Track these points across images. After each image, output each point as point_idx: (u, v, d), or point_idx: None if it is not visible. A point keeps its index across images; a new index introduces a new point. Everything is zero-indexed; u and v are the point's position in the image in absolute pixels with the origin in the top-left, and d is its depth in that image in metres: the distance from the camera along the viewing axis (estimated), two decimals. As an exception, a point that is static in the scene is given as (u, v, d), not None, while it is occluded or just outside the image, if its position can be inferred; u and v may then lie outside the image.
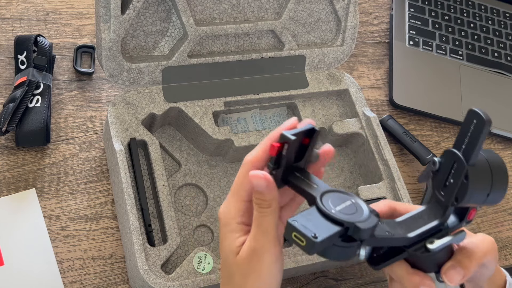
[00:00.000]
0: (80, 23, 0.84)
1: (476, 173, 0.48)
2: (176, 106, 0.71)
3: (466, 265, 0.52)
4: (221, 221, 0.53)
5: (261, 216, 0.50)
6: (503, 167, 0.50)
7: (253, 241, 0.50)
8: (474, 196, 0.49)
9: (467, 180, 0.48)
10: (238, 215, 0.52)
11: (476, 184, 0.48)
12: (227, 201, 0.53)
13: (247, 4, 0.72)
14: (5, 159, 0.72)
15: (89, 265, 0.68)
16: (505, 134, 0.93)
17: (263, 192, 0.50)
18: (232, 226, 0.52)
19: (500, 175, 0.50)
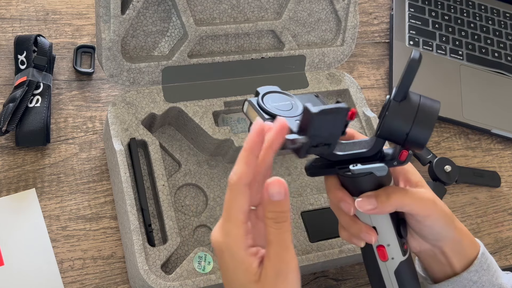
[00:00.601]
0: (80, 23, 0.84)
1: (398, 108, 0.51)
2: (176, 106, 0.71)
3: (381, 200, 0.53)
4: (223, 253, 0.48)
5: (281, 233, 0.47)
6: (432, 112, 0.51)
7: (276, 261, 0.47)
8: (392, 129, 0.51)
9: (387, 112, 0.51)
10: (243, 241, 0.48)
11: (394, 118, 0.51)
12: (222, 229, 0.48)
13: (247, 4, 0.72)
14: (5, 159, 0.72)
15: (89, 265, 0.68)
16: (505, 134, 0.93)
17: (282, 203, 0.47)
18: (240, 255, 0.47)
19: (425, 117, 0.51)
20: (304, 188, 0.76)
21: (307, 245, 0.69)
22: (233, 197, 0.48)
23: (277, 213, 0.47)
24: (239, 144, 0.70)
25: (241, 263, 0.47)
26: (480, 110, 0.94)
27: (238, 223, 0.47)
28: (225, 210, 0.48)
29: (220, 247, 0.48)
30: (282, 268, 0.47)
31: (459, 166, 0.86)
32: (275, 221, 0.47)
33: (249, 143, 0.47)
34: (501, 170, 0.91)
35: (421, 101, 0.52)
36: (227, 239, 0.48)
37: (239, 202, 0.47)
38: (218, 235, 0.48)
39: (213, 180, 0.74)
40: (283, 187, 0.47)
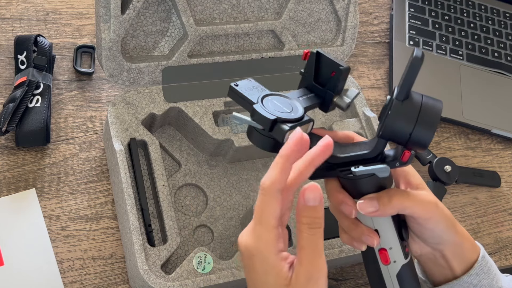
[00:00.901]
0: (80, 23, 0.84)
1: (401, 108, 0.50)
2: (176, 106, 0.71)
3: (383, 202, 0.53)
4: (253, 256, 0.48)
5: (315, 238, 0.48)
6: (436, 112, 0.51)
7: (309, 266, 0.47)
8: (394, 129, 0.50)
9: (390, 112, 0.50)
10: (274, 246, 0.48)
11: (397, 118, 0.50)
12: (253, 232, 0.48)
13: (247, 4, 0.72)
14: (5, 159, 0.72)
15: (89, 265, 0.68)
16: (505, 134, 0.93)
17: (317, 208, 0.47)
18: (271, 259, 0.48)
19: (429, 117, 0.50)
20: (304, 188, 0.76)
21: (307, 245, 0.68)
22: (266, 202, 0.48)
23: (312, 219, 0.47)
24: (239, 144, 0.70)
25: (273, 267, 0.47)
26: (480, 110, 0.94)
27: (270, 227, 0.48)
28: (257, 214, 0.48)
29: (250, 251, 0.48)
30: (313, 273, 0.47)
31: (459, 166, 0.86)
32: (309, 226, 0.47)
33: (287, 150, 0.48)
34: (501, 170, 0.91)
35: (424, 101, 0.51)
36: (258, 243, 0.48)
37: (272, 206, 0.47)
38: (249, 239, 0.48)
39: (213, 180, 0.74)
40: (318, 193, 0.47)
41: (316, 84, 0.57)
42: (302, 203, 0.48)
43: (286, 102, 0.54)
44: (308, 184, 0.48)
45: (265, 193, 0.48)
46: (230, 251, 0.71)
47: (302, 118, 0.53)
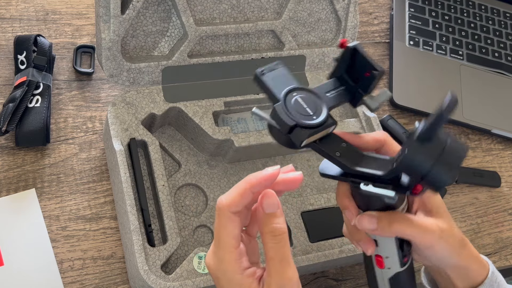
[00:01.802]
0: (80, 23, 0.84)
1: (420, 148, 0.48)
2: (176, 106, 0.71)
3: (382, 225, 0.52)
4: (219, 279, 0.48)
5: (280, 247, 0.47)
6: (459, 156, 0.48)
7: (278, 278, 0.47)
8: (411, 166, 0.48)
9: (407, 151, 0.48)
10: (238, 266, 0.48)
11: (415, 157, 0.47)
12: (215, 255, 0.48)
13: (247, 4, 0.72)
14: (5, 159, 0.72)
15: (89, 265, 0.68)
16: (505, 134, 0.93)
17: (276, 214, 0.47)
18: (237, 279, 0.47)
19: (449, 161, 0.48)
20: (304, 188, 0.76)
21: (307, 245, 0.68)
22: (222, 224, 0.47)
23: (273, 226, 0.47)
24: (239, 144, 0.70)
25: (240, 286, 0.47)
26: (480, 110, 0.94)
27: (230, 248, 0.47)
28: (216, 236, 0.48)
29: (215, 274, 0.48)
30: (285, 284, 0.46)
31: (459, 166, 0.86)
32: (272, 234, 0.47)
33: (255, 180, 0.47)
34: (501, 170, 0.91)
35: (449, 143, 0.48)
36: (221, 265, 0.48)
37: (228, 228, 0.47)
38: (212, 262, 0.48)
39: (213, 180, 0.74)
40: (274, 199, 0.47)
41: (348, 77, 0.56)
42: (261, 213, 0.47)
43: (311, 101, 0.52)
44: (264, 192, 0.47)
45: (220, 214, 0.47)
46: (230, 251, 0.70)
47: (323, 123, 0.51)
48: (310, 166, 0.78)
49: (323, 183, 0.77)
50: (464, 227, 0.85)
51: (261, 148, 0.73)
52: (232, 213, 0.47)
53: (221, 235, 0.48)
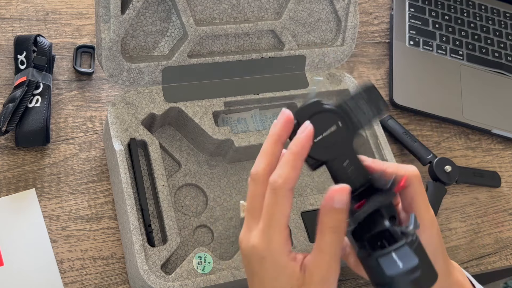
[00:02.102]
0: (80, 23, 0.84)
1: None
2: (176, 106, 0.71)
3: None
4: (263, 259, 0.46)
5: (337, 244, 0.46)
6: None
7: (326, 270, 0.46)
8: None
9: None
10: (286, 247, 0.46)
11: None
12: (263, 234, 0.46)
13: (247, 4, 0.72)
14: (5, 159, 0.72)
15: (89, 265, 0.68)
16: (505, 134, 0.93)
17: (343, 211, 0.45)
18: (283, 261, 0.46)
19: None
20: (304, 188, 0.76)
21: (307, 245, 0.68)
22: (277, 201, 0.46)
23: (338, 222, 0.45)
24: (239, 144, 0.70)
25: (285, 268, 0.46)
26: (480, 110, 0.94)
27: (282, 228, 0.46)
28: (267, 214, 0.46)
29: (260, 254, 0.46)
30: (329, 277, 0.46)
31: (459, 166, 0.86)
32: (333, 230, 0.45)
33: (298, 146, 0.46)
34: (501, 170, 0.91)
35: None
36: (270, 245, 0.46)
37: (284, 206, 0.46)
38: (260, 241, 0.46)
39: (213, 180, 0.74)
40: (346, 196, 0.45)
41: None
42: (329, 205, 0.45)
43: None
44: (339, 186, 0.45)
45: (276, 192, 0.46)
46: (230, 251, 0.70)
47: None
48: (310, 166, 0.78)
49: (323, 183, 0.77)
50: (464, 227, 0.85)
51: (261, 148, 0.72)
52: (289, 190, 0.46)
53: (274, 214, 0.46)
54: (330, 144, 0.48)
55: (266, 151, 0.48)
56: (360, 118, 0.49)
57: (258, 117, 0.77)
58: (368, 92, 0.49)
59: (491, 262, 0.83)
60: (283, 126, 0.48)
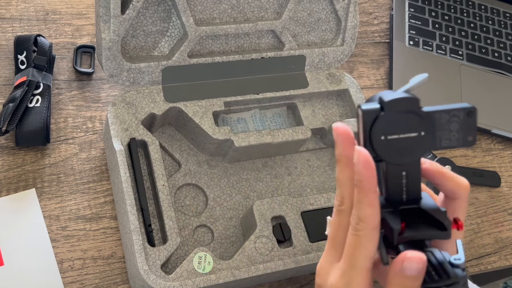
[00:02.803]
0: (80, 23, 0.84)
1: None
2: (176, 106, 0.71)
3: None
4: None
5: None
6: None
7: None
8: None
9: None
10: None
11: None
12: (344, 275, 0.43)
13: (247, 4, 0.72)
14: (5, 159, 0.72)
15: (89, 265, 0.68)
16: (505, 134, 0.93)
17: (414, 278, 0.41)
18: None
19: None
20: (304, 188, 0.76)
21: (307, 245, 0.68)
22: (360, 243, 0.43)
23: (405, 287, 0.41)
24: (239, 144, 0.70)
25: None
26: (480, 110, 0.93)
27: (364, 272, 0.43)
28: (349, 255, 0.43)
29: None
30: None
31: (459, 166, 0.86)
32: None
33: (368, 180, 0.42)
34: (501, 170, 0.91)
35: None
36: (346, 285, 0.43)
37: (368, 248, 0.43)
38: (337, 280, 0.44)
39: (213, 180, 0.74)
40: (422, 265, 0.40)
41: None
42: (398, 269, 0.41)
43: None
44: (412, 253, 0.41)
45: (359, 233, 0.42)
46: (230, 251, 0.71)
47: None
48: (310, 166, 0.78)
49: (323, 183, 0.77)
50: (464, 227, 0.85)
51: (261, 148, 0.73)
52: (372, 230, 0.42)
53: (357, 256, 0.43)
54: (401, 147, 0.43)
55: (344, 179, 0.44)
56: (443, 137, 0.44)
57: (258, 117, 0.77)
58: (467, 115, 0.44)
59: (491, 262, 0.83)
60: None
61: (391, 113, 0.42)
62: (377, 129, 0.42)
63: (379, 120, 0.42)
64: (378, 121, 0.42)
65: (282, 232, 0.69)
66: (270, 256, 0.66)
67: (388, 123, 0.42)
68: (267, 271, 0.65)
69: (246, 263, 0.65)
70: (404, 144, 0.43)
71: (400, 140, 0.43)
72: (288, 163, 0.77)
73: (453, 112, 0.44)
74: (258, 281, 0.68)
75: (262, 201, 0.69)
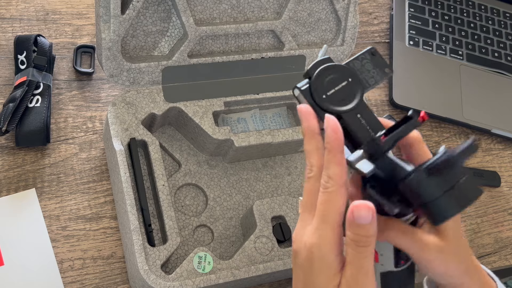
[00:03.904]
0: (80, 23, 0.84)
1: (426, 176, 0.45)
2: (176, 106, 0.71)
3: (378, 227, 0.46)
4: (312, 254, 0.46)
5: (361, 257, 0.45)
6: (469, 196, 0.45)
7: (353, 283, 0.44)
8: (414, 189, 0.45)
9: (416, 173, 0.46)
10: (337, 245, 0.45)
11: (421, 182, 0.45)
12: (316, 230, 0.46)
13: (247, 4, 0.72)
14: (5, 159, 0.72)
15: (89, 265, 0.68)
16: (505, 134, 0.93)
17: (366, 227, 0.44)
18: (330, 259, 0.45)
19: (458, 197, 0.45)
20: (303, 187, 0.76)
21: (307, 245, 0.68)
22: (330, 198, 0.45)
23: (359, 237, 0.44)
24: (239, 144, 0.70)
25: (329, 267, 0.46)
26: (480, 110, 0.94)
27: (335, 225, 0.45)
28: (320, 211, 0.46)
29: (310, 249, 0.46)
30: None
31: (459, 166, 0.86)
32: (356, 244, 0.44)
33: (335, 142, 0.46)
34: (501, 170, 0.91)
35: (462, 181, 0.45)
36: (321, 241, 0.45)
37: (337, 203, 0.45)
38: (310, 236, 0.46)
39: (213, 180, 0.74)
40: (370, 213, 0.44)
41: None
42: (350, 219, 0.44)
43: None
44: (359, 202, 0.44)
45: (329, 190, 0.45)
46: (230, 251, 0.71)
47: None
48: (310, 166, 0.78)
49: (323, 183, 0.77)
50: (464, 227, 0.85)
51: (261, 148, 0.73)
52: (341, 187, 0.45)
53: (328, 211, 0.45)
54: (342, 96, 0.49)
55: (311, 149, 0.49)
56: (367, 77, 0.51)
57: (258, 117, 0.77)
58: (372, 55, 0.51)
59: (491, 262, 0.83)
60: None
61: (318, 77, 0.50)
62: (316, 93, 0.49)
63: (312, 86, 0.49)
64: (312, 87, 0.49)
65: (282, 232, 0.69)
66: (270, 256, 0.66)
67: (320, 84, 0.49)
68: (267, 271, 0.65)
69: (246, 263, 0.65)
70: (343, 93, 0.50)
71: (338, 92, 0.49)
72: (288, 163, 0.77)
73: (360, 57, 0.51)
74: (258, 281, 0.68)
75: (262, 201, 0.69)
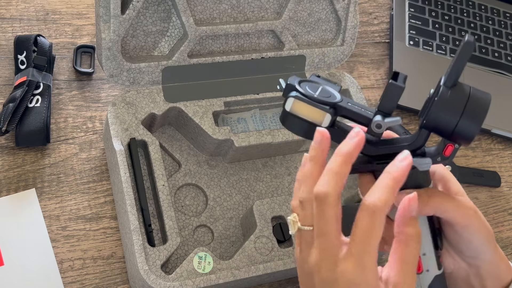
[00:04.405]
0: (80, 23, 0.84)
1: (448, 96, 0.49)
2: (176, 106, 0.71)
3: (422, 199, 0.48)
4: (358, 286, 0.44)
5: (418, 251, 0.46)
6: (484, 104, 0.49)
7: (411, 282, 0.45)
8: (439, 118, 0.48)
9: (436, 98, 0.48)
10: (377, 272, 0.45)
11: (444, 106, 0.48)
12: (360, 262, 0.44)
13: (247, 4, 0.72)
14: (5, 159, 0.72)
15: (89, 265, 0.68)
16: (505, 134, 0.93)
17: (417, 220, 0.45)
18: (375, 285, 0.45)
19: (476, 109, 0.48)
20: (304, 188, 0.76)
21: (307, 245, 0.68)
22: (375, 225, 0.44)
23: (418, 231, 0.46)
24: (239, 144, 0.70)
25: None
26: (480, 110, 0.94)
27: (375, 254, 0.45)
28: (363, 239, 0.44)
29: (352, 280, 0.44)
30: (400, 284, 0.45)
31: (459, 166, 0.86)
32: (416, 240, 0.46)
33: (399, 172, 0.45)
34: (501, 170, 0.91)
35: (472, 92, 0.49)
36: (365, 272, 0.44)
37: (380, 231, 0.44)
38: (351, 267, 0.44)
39: (213, 180, 0.74)
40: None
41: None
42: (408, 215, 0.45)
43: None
44: (413, 194, 0.45)
45: (376, 215, 0.44)
46: (230, 251, 0.71)
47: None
48: (310, 166, 0.78)
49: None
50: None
51: (261, 148, 0.73)
52: (385, 215, 0.44)
53: (371, 239, 0.44)
54: (327, 95, 0.51)
55: (336, 171, 0.47)
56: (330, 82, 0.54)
57: (258, 117, 0.77)
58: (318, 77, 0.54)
59: (491, 262, 0.83)
60: (357, 146, 0.47)
61: (300, 85, 0.51)
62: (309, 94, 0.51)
63: (302, 90, 0.51)
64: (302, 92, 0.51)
65: (282, 232, 0.69)
66: (270, 256, 0.66)
67: (306, 89, 0.51)
68: (267, 271, 0.65)
69: (246, 263, 0.65)
70: (325, 92, 0.52)
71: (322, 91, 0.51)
72: (288, 163, 0.77)
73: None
74: (258, 281, 0.68)
75: (262, 201, 0.69)
